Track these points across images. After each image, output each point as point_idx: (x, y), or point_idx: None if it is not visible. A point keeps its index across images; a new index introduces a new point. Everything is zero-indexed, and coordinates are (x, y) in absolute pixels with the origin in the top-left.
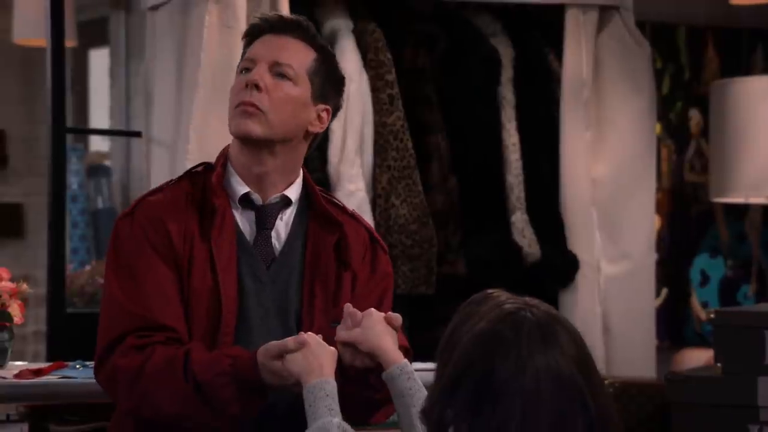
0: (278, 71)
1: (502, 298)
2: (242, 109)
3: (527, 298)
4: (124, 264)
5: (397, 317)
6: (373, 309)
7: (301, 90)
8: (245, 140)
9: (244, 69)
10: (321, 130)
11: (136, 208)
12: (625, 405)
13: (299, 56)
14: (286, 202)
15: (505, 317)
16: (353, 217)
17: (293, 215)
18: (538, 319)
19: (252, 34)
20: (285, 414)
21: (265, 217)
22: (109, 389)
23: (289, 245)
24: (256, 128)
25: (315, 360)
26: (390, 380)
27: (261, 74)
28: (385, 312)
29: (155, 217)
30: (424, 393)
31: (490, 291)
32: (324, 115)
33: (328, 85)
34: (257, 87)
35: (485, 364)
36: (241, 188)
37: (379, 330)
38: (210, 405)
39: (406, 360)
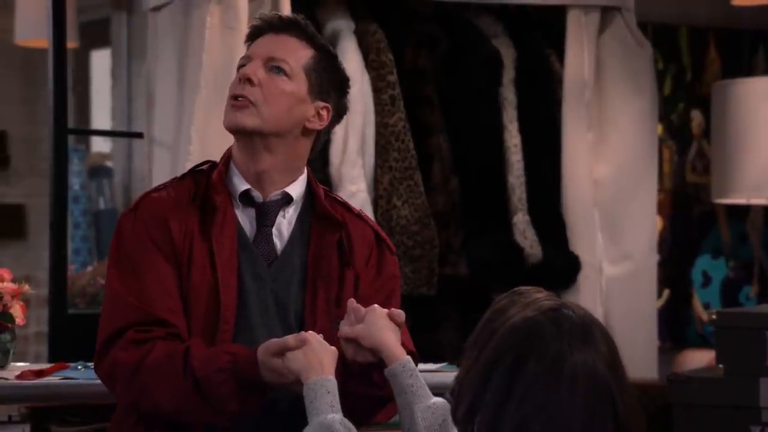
0: (273, 65)
1: (540, 295)
2: (233, 102)
3: (566, 299)
4: (126, 259)
5: (401, 313)
6: (376, 305)
7: (296, 85)
8: (238, 133)
9: (241, 66)
10: (320, 128)
11: (139, 204)
12: None
13: (296, 53)
14: (287, 199)
15: (546, 312)
16: (359, 216)
17: (296, 213)
18: (578, 318)
19: (252, 35)
20: (286, 411)
21: (265, 214)
22: (108, 383)
23: (292, 244)
24: (247, 120)
25: (315, 358)
26: (392, 377)
27: (254, 69)
28: None
29: (157, 214)
30: (427, 391)
31: (525, 288)
32: (324, 113)
33: (328, 83)
34: (250, 81)
35: (522, 354)
36: (242, 185)
37: (381, 325)
38: (208, 401)
39: (408, 357)
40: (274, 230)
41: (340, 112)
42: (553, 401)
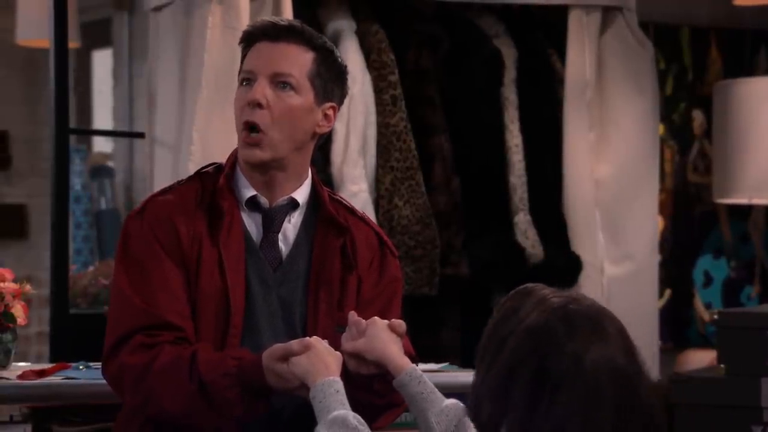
0: (279, 81)
1: (546, 292)
2: (246, 139)
3: (570, 292)
4: (133, 263)
5: (401, 324)
6: (376, 318)
7: (304, 97)
8: (256, 165)
9: (245, 81)
10: (329, 129)
11: (145, 208)
12: None
13: (298, 62)
14: (293, 204)
15: (556, 311)
16: (362, 219)
17: (301, 217)
18: (587, 312)
19: (247, 41)
20: (291, 419)
21: (271, 220)
22: (115, 386)
23: (296, 248)
24: (263, 155)
25: (320, 362)
26: (401, 387)
27: (262, 89)
28: (393, 317)
29: (164, 218)
30: (438, 395)
31: (530, 286)
32: (330, 113)
33: (331, 83)
34: (259, 105)
35: (539, 359)
36: (248, 191)
37: (383, 338)
38: (214, 405)
39: (413, 365)
40: (279, 235)
41: (342, 102)
42: (580, 401)
